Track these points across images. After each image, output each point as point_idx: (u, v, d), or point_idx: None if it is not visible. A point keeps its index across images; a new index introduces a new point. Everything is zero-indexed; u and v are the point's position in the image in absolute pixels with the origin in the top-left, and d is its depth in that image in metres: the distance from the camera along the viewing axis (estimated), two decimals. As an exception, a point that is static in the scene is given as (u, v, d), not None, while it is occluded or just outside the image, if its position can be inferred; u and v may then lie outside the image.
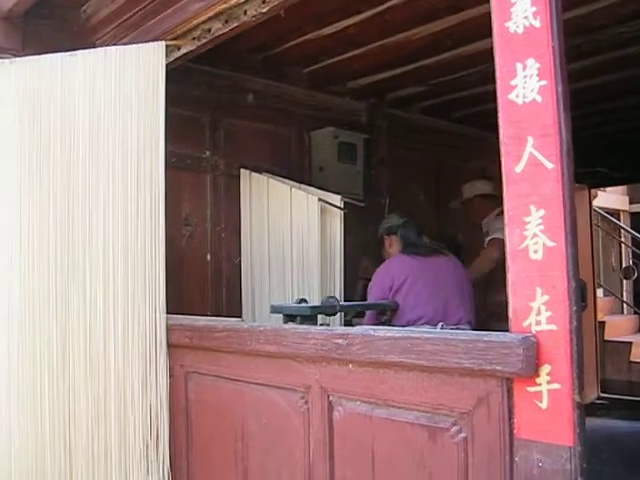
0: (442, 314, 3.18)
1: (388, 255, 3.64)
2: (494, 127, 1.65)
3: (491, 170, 5.50)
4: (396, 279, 3.28)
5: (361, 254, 4.29)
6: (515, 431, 1.57)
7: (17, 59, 2.58)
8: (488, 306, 3.92)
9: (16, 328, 2.53)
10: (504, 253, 4.06)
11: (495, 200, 4.44)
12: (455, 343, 1.65)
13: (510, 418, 1.59)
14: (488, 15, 3.38)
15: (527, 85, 1.57)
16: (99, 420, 2.55)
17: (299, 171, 4.30)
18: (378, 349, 1.83)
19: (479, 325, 3.37)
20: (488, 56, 4.15)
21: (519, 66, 1.59)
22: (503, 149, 1.61)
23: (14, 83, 2.51)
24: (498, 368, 1.56)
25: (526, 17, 1.58)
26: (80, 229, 2.55)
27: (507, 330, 1.59)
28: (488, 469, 1.64)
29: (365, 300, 3.59)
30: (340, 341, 1.93)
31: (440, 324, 2.73)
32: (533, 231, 1.55)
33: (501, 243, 3.96)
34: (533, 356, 1.51)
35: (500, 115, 1.63)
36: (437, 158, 5.39)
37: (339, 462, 2.02)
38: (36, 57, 2.56)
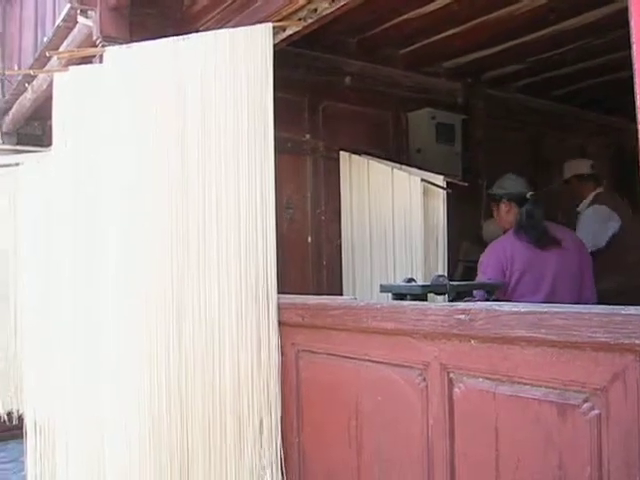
0: None
1: (500, 220, 3.46)
2: (594, 104, 1.59)
3: (590, 149, 5.38)
4: (509, 264, 3.17)
5: (460, 236, 4.24)
6: (656, 408, 1.52)
7: (133, 44, 2.65)
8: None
9: (133, 306, 2.60)
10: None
11: (594, 181, 4.28)
12: (589, 317, 1.60)
13: (649, 395, 1.53)
14: (595, -15, 3.32)
15: (668, 49, 1.50)
16: (214, 396, 2.60)
17: (397, 153, 4.29)
18: (503, 324, 1.80)
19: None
20: (591, 30, 4.04)
21: (659, 29, 1.51)
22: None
23: (132, 68, 2.58)
24: (637, 342, 1.51)
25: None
26: (195, 211, 2.60)
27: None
28: (625, 448, 1.58)
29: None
30: (462, 317, 1.91)
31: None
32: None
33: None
34: (677, 330, 1.46)
35: (637, 83, 1.56)
36: (534, 137, 5.29)
37: (460, 440, 2.00)
38: (152, 42, 2.62)
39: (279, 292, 2.78)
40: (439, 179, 3.53)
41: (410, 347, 2.12)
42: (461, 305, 1.97)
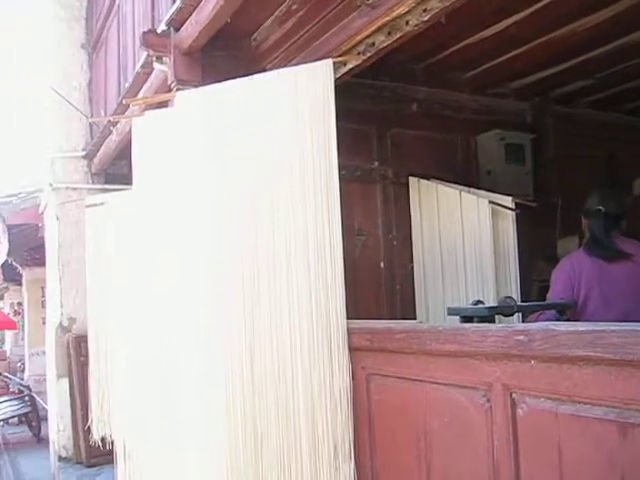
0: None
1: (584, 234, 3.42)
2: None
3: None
4: (577, 279, 3.13)
5: (534, 256, 4.21)
6: None
7: (203, 87, 2.82)
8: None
9: (207, 334, 2.73)
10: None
11: None
12: (644, 334, 1.61)
13: None
14: (660, -6, 3.29)
15: None
16: (288, 423, 2.67)
17: (466, 176, 4.31)
18: (561, 344, 1.81)
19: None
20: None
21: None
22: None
23: (202, 110, 2.74)
24: (693, 359, 1.51)
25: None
26: (264, 243, 2.71)
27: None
28: (686, 466, 1.58)
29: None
30: (521, 337, 1.93)
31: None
32: None
33: None
34: None
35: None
36: (608, 152, 5.18)
37: (524, 460, 2.01)
38: (218, 84, 2.77)
39: (352, 317, 2.85)
40: (507, 200, 3.54)
41: (473, 368, 2.15)
42: (520, 326, 2.00)
